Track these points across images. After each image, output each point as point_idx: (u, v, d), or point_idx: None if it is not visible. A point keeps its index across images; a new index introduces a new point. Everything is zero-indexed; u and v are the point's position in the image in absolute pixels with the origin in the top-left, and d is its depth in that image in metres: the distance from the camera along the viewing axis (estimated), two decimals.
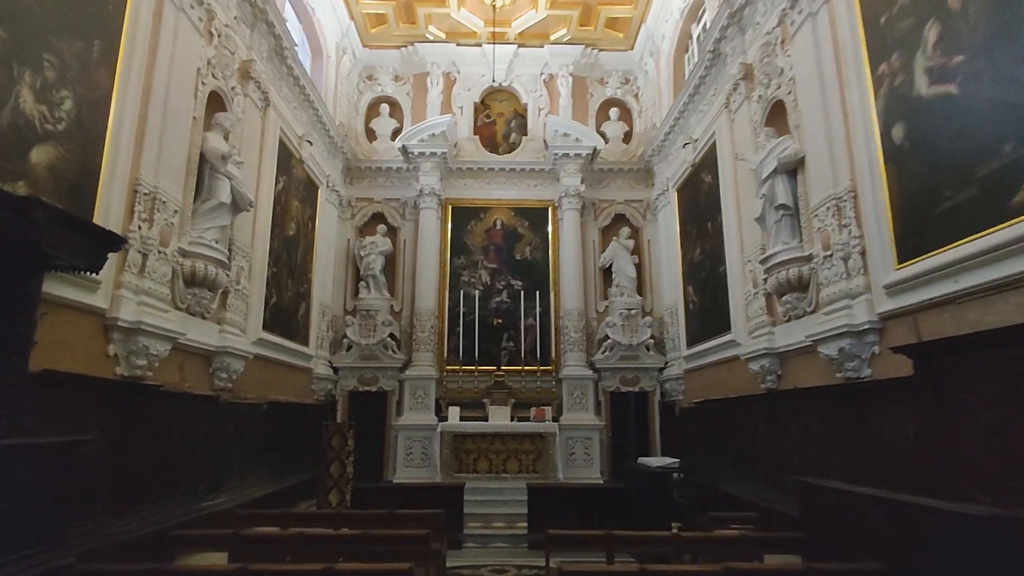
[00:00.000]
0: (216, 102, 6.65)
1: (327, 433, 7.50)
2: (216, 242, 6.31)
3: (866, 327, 4.98)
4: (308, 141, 9.39)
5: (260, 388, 7.89)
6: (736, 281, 7.75)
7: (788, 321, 6.48)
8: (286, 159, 8.76)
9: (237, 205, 6.46)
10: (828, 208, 5.55)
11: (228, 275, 6.75)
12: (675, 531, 4.07)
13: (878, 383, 4.92)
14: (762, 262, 6.67)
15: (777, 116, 6.77)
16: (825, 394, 5.62)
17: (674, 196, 10.51)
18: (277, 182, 8.34)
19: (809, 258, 5.96)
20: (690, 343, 9.76)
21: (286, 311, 8.81)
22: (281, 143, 8.51)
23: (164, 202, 5.47)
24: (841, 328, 5.14)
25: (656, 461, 9.34)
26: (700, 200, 9.26)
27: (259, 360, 7.78)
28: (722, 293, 8.25)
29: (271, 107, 8.07)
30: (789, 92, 6.40)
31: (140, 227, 5.17)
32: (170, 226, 5.57)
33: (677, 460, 9.05)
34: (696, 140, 9.35)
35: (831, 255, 5.50)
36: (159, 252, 5.40)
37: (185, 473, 6.01)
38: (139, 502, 5.23)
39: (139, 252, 5.16)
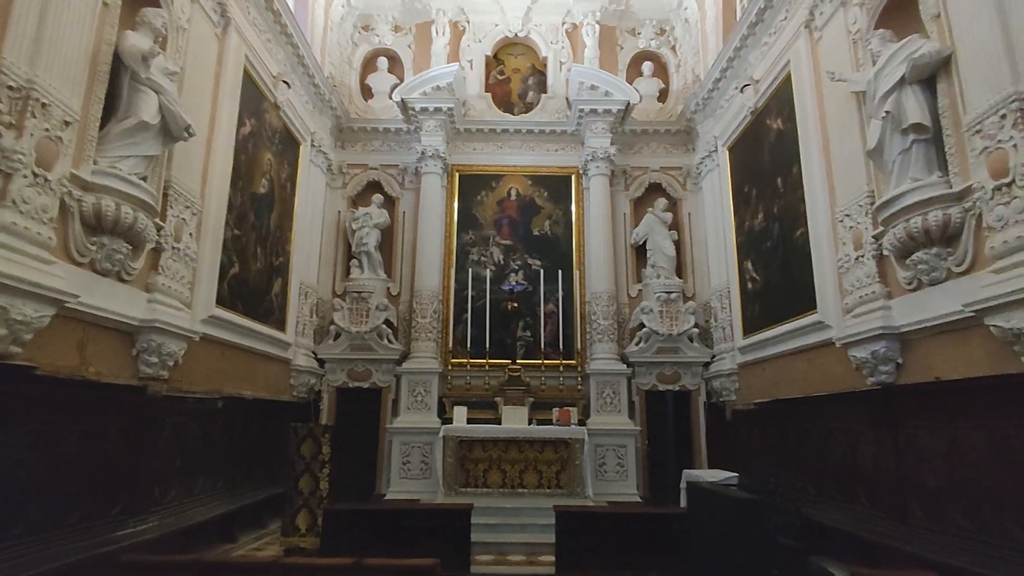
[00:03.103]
0: None
1: (295, 437, 5.84)
2: (140, 178, 4.67)
3: None
4: (285, 82, 7.75)
5: (215, 379, 6.24)
6: (823, 245, 6.01)
7: (916, 289, 4.73)
8: (255, 99, 7.13)
9: (169, 130, 4.81)
10: (1004, 116, 3.80)
11: (161, 226, 5.12)
12: None
13: None
14: (878, 210, 4.93)
15: (894, 15, 5.04)
16: (999, 388, 3.86)
17: (724, 156, 8.76)
18: (241, 123, 6.71)
19: (961, 195, 4.23)
20: (747, 331, 8.01)
21: (254, 286, 7.16)
22: (248, 77, 6.87)
23: (46, 105, 3.82)
24: None
25: (707, 475, 7.59)
26: (763, 153, 7.53)
27: (211, 343, 6.14)
28: (800, 264, 6.51)
29: (233, 28, 6.44)
30: None
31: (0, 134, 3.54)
32: (56, 141, 3.91)
33: (735, 475, 7.34)
34: (758, 81, 7.61)
35: (1010, 183, 3.76)
36: (35, 175, 3.75)
37: (91, 491, 4.37)
38: None
39: None
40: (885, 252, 5.02)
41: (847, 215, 5.56)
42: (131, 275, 4.81)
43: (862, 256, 5.33)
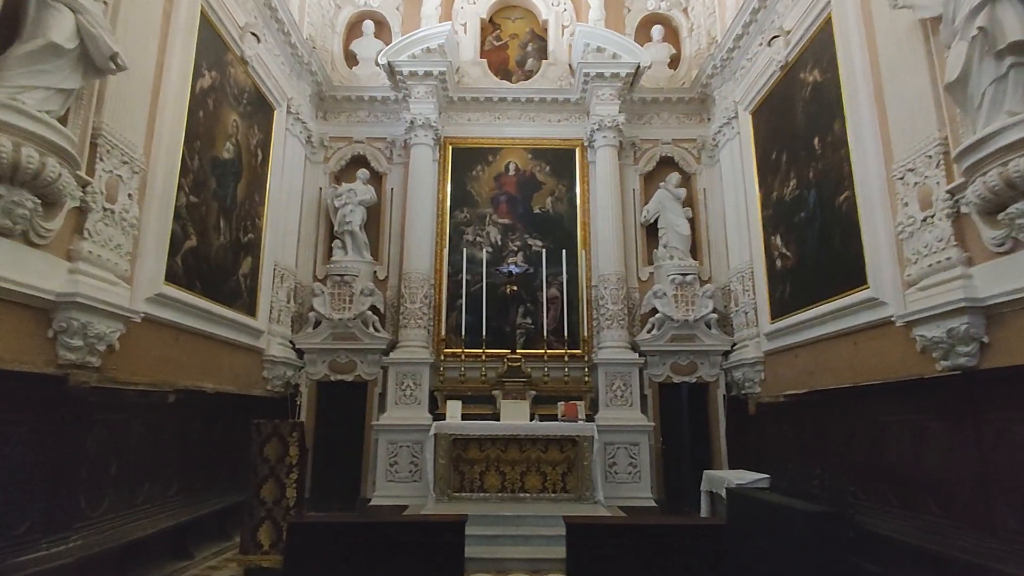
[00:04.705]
0: None
1: (257, 436, 4.94)
2: (55, 117, 3.77)
3: None
4: (253, 34, 6.83)
5: (166, 369, 5.35)
6: (876, 208, 5.14)
7: (1010, 252, 3.87)
8: (217, 50, 6.22)
9: (91, 59, 3.91)
10: None
11: (87, 181, 4.22)
12: None
13: None
14: (958, 158, 4.06)
15: None
16: None
17: (747, 121, 7.89)
18: (199, 74, 5.80)
19: None
20: (775, 314, 7.15)
21: (216, 263, 6.26)
22: (208, 23, 5.96)
23: None
24: None
25: (731, 476, 6.75)
26: (796, 113, 6.66)
27: (161, 327, 5.25)
28: (844, 233, 5.65)
29: None
30: None
31: None
32: None
33: (765, 476, 6.50)
34: (789, 32, 6.75)
35: None
36: None
37: None
38: None
39: None
40: (964, 209, 4.17)
41: (909, 170, 4.69)
42: (45, 238, 3.91)
43: (931, 216, 4.47)
